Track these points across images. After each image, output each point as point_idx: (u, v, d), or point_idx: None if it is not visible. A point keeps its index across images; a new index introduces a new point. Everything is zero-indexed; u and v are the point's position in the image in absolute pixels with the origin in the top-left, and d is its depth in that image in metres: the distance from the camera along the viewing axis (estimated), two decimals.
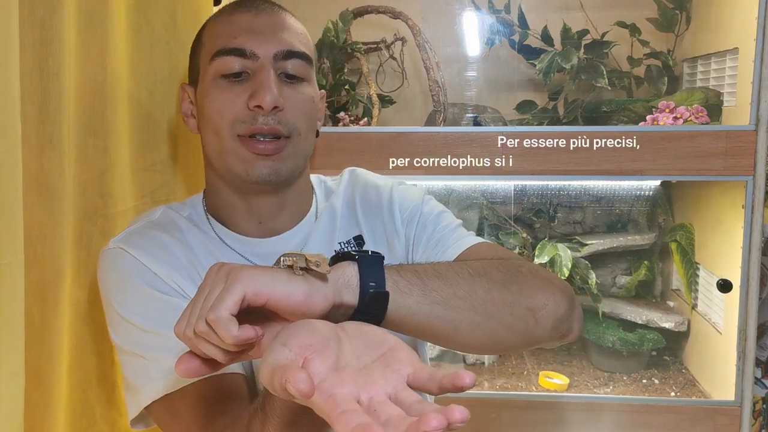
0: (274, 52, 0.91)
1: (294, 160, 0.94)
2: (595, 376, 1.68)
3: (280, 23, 0.94)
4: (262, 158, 0.90)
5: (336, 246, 1.01)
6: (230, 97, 0.91)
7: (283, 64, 0.92)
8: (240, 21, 0.93)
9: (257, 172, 0.91)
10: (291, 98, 0.92)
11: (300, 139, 0.94)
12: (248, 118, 0.90)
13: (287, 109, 0.91)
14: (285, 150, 0.92)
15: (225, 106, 0.91)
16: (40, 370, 0.89)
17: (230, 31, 0.93)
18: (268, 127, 0.89)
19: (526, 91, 1.81)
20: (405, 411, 0.53)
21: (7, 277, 0.75)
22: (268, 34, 0.92)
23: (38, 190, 0.87)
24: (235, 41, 0.91)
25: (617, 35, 1.69)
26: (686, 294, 1.72)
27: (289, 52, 0.92)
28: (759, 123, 1.39)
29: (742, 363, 1.44)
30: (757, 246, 1.42)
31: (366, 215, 1.04)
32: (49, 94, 0.88)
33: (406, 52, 1.70)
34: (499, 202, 1.78)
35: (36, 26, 0.86)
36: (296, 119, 0.92)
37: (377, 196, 1.06)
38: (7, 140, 0.74)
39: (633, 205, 1.84)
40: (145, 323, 0.87)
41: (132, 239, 0.93)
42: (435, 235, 1.01)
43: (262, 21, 0.93)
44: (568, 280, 1.61)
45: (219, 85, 0.92)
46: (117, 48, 1.06)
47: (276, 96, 0.89)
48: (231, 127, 0.90)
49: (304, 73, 0.94)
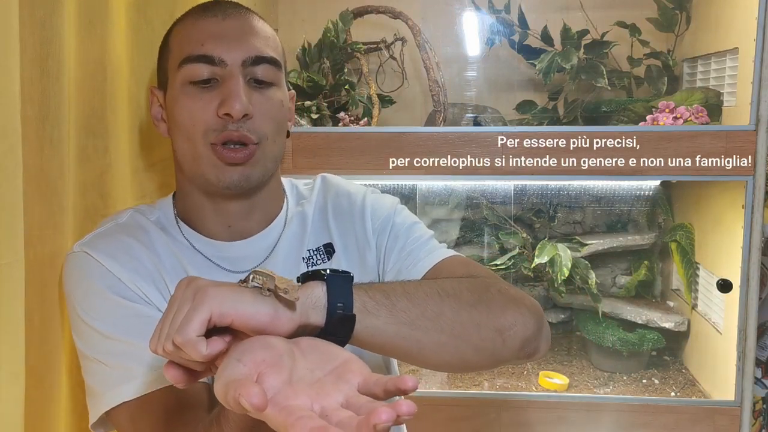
0: (243, 58, 0.91)
1: (263, 165, 0.94)
2: (595, 376, 1.68)
3: (248, 28, 0.94)
4: (233, 166, 0.91)
5: (304, 253, 1.00)
6: (200, 105, 0.90)
7: (251, 70, 0.92)
8: (207, 26, 0.92)
9: (228, 179, 0.91)
10: (260, 104, 0.92)
11: (268, 143, 0.93)
12: (219, 125, 0.89)
13: (256, 116, 0.91)
14: (255, 156, 0.92)
15: (196, 114, 0.90)
16: (40, 370, 0.88)
17: (197, 38, 0.92)
18: (237, 134, 0.89)
19: (526, 91, 1.81)
20: (356, 412, 0.56)
21: (8, 277, 0.75)
22: (236, 40, 0.92)
23: (38, 190, 0.87)
24: (202, 48, 0.90)
25: (617, 35, 1.69)
26: (686, 294, 1.72)
27: (258, 57, 0.92)
28: (759, 123, 1.39)
29: (742, 363, 1.44)
30: (757, 246, 1.42)
31: (337, 223, 1.04)
32: (49, 94, 0.88)
33: (406, 52, 1.70)
34: (499, 202, 1.78)
35: (36, 26, 0.86)
36: (265, 125, 0.92)
37: (349, 204, 1.05)
38: (7, 140, 0.74)
39: (633, 205, 1.84)
40: (107, 330, 0.86)
41: (97, 243, 0.91)
42: (407, 247, 1.01)
43: (230, 26, 0.92)
44: (568, 280, 1.61)
45: (188, 92, 0.91)
46: (117, 48, 1.06)
47: (245, 104, 0.89)
48: (203, 135, 0.90)
49: (273, 77, 0.94)
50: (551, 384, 1.60)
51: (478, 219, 1.79)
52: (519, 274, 1.75)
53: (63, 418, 0.95)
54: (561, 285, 1.61)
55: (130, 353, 0.84)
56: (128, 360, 0.84)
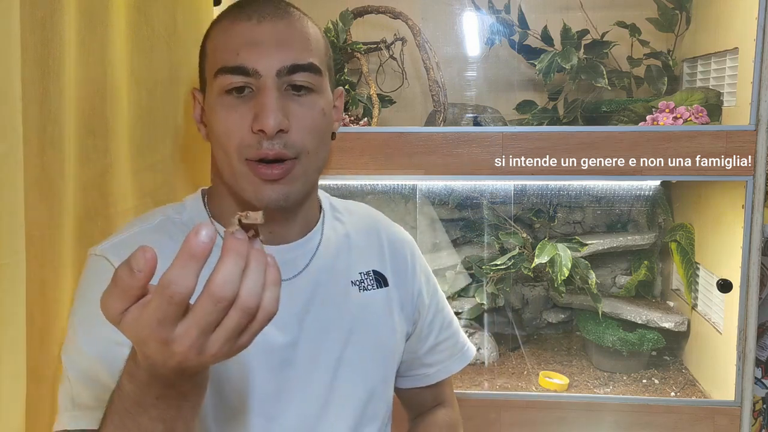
0: (278, 68, 0.86)
1: (304, 180, 0.90)
2: (595, 376, 1.68)
3: (285, 33, 0.88)
4: (270, 183, 0.87)
5: (355, 275, 1.02)
6: (235, 119, 0.86)
7: (289, 79, 0.87)
8: (242, 32, 0.88)
9: (267, 198, 0.87)
10: (298, 115, 0.87)
11: (309, 157, 0.89)
12: (254, 142, 0.85)
13: (293, 129, 0.87)
14: (294, 171, 0.88)
15: (231, 128, 0.87)
16: (40, 370, 0.89)
17: (232, 46, 0.88)
18: (273, 152, 0.85)
19: (526, 91, 1.81)
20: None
21: (8, 276, 0.75)
22: (271, 47, 0.87)
23: (39, 190, 0.87)
24: (237, 58, 0.86)
25: (617, 35, 1.69)
26: (686, 294, 1.72)
27: (294, 66, 0.87)
28: (759, 123, 1.39)
29: (742, 363, 1.45)
30: (757, 246, 1.42)
31: (394, 261, 1.08)
32: (50, 95, 0.88)
33: (406, 52, 1.70)
34: (499, 202, 1.78)
35: (37, 26, 0.86)
36: (304, 138, 0.88)
37: (404, 257, 1.10)
38: (8, 141, 0.74)
39: (633, 205, 1.84)
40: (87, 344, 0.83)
41: (119, 251, 0.87)
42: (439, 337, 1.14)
43: (265, 31, 0.88)
44: (568, 280, 1.61)
45: (224, 103, 0.88)
46: (117, 48, 1.06)
47: (279, 120, 0.84)
48: (238, 151, 0.87)
49: (313, 84, 0.89)
50: (551, 384, 1.60)
51: (477, 219, 1.79)
52: (519, 274, 1.75)
53: None
54: (561, 285, 1.61)
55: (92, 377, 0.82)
56: (87, 386, 0.82)
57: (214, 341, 0.56)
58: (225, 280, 0.54)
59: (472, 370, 1.68)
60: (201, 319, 0.55)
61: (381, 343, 1.02)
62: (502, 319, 1.82)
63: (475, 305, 1.73)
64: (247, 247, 0.57)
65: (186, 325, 0.55)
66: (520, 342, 1.81)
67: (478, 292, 1.73)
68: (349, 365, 0.97)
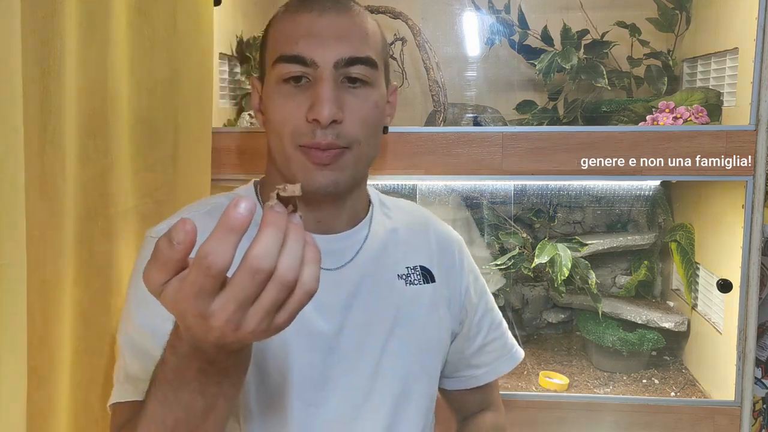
0: (335, 59, 0.88)
1: (354, 169, 0.92)
2: (595, 376, 1.68)
3: (345, 26, 0.90)
4: (321, 167, 0.89)
5: (402, 269, 1.03)
6: (292, 107, 0.89)
7: (345, 71, 0.89)
8: (302, 23, 0.90)
9: (317, 183, 0.89)
10: (352, 107, 0.89)
11: (360, 148, 0.91)
12: (308, 130, 0.88)
13: (347, 120, 0.89)
14: (343, 159, 0.90)
15: (286, 115, 0.89)
16: (41, 371, 0.89)
17: (292, 36, 0.90)
18: (326, 142, 0.87)
19: (526, 91, 1.81)
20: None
21: (9, 277, 0.75)
22: (330, 39, 0.89)
23: (39, 190, 0.87)
24: (296, 47, 0.88)
25: (617, 35, 1.69)
26: (686, 294, 1.72)
27: (352, 58, 0.89)
28: (759, 123, 1.39)
29: (742, 363, 1.45)
30: (757, 246, 1.42)
31: (442, 258, 1.08)
32: (50, 94, 0.88)
33: (406, 52, 1.70)
34: (499, 202, 1.78)
35: (37, 26, 0.86)
36: (356, 130, 0.90)
37: (452, 255, 1.10)
38: (8, 140, 0.74)
39: (633, 205, 1.84)
40: (140, 320, 0.87)
41: None
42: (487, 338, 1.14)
43: (325, 24, 0.90)
44: (568, 279, 1.61)
45: (281, 91, 0.90)
46: (117, 48, 1.06)
47: (333, 110, 0.86)
48: (292, 137, 0.89)
49: (368, 77, 0.91)
50: (551, 384, 1.60)
51: (477, 219, 1.79)
52: (519, 274, 1.75)
53: (64, 418, 0.95)
54: (561, 285, 1.61)
55: (143, 353, 0.85)
56: (140, 360, 0.86)
57: (252, 316, 0.56)
58: (263, 253, 0.54)
59: None
60: (238, 293, 0.55)
61: (426, 338, 1.03)
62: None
63: None
64: (285, 221, 0.56)
65: (223, 299, 0.55)
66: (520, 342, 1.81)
67: None
68: (392, 357, 0.98)
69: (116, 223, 1.06)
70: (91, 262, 1.01)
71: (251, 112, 1.53)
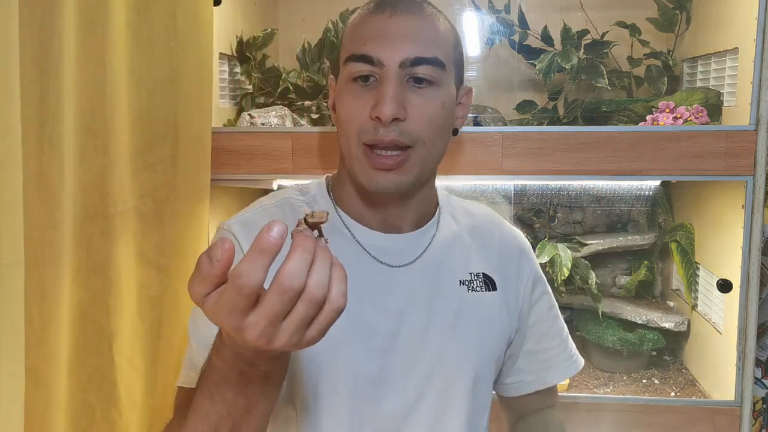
0: (401, 59, 0.89)
1: (418, 171, 0.93)
2: (595, 376, 1.68)
3: (414, 27, 0.91)
4: (383, 172, 0.90)
5: (465, 275, 1.03)
6: (358, 105, 0.90)
7: (411, 70, 0.90)
8: (373, 24, 0.92)
9: (377, 185, 0.91)
10: (416, 106, 0.90)
11: (425, 148, 0.92)
12: (371, 128, 0.89)
13: (411, 118, 0.89)
14: (408, 162, 0.91)
15: (352, 113, 0.91)
16: (40, 371, 0.89)
17: (362, 35, 0.92)
18: (389, 139, 0.89)
19: (526, 91, 1.81)
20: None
21: (7, 277, 0.75)
22: (398, 39, 0.90)
23: (38, 190, 0.87)
24: (364, 47, 0.90)
25: (617, 35, 1.69)
26: (686, 294, 1.72)
27: (417, 58, 0.90)
28: (759, 123, 1.38)
29: (742, 363, 1.44)
30: (757, 246, 1.42)
31: (503, 267, 1.08)
32: (49, 94, 0.88)
33: None
34: (499, 202, 1.78)
35: (36, 26, 0.86)
36: (420, 128, 0.90)
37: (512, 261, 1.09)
38: (6, 140, 0.74)
39: (633, 205, 1.84)
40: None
41: (247, 224, 0.96)
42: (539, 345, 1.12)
43: (395, 25, 0.91)
44: (568, 279, 1.61)
45: (350, 90, 0.92)
46: (117, 48, 1.06)
47: (395, 108, 0.87)
48: (357, 135, 0.90)
49: (435, 77, 0.91)
50: None
51: None
52: None
53: (63, 418, 0.95)
54: (561, 285, 1.61)
55: (206, 343, 0.86)
56: (202, 347, 0.89)
57: (283, 331, 0.59)
58: (292, 272, 0.58)
59: None
60: (270, 310, 0.58)
61: (483, 344, 1.03)
62: None
63: None
64: (314, 243, 0.60)
65: (256, 316, 0.58)
66: None
67: None
68: (447, 362, 0.99)
69: (115, 223, 1.06)
70: (90, 262, 1.01)
71: (251, 112, 1.52)
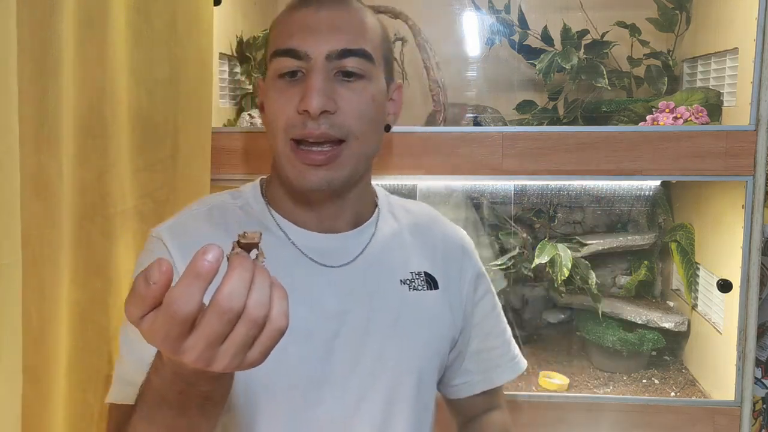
0: (327, 52, 0.87)
1: (351, 167, 0.91)
2: (595, 376, 1.68)
3: (341, 19, 0.90)
4: (314, 168, 0.88)
5: (406, 274, 1.01)
6: (284, 100, 0.88)
7: (339, 63, 0.88)
8: (299, 18, 0.91)
9: (308, 183, 0.89)
10: (346, 99, 0.88)
11: (357, 143, 0.90)
12: (299, 122, 0.87)
13: (341, 111, 0.88)
14: (341, 157, 0.89)
15: (279, 109, 0.89)
16: (38, 371, 0.89)
17: (288, 30, 0.90)
18: (318, 132, 0.86)
19: (526, 91, 1.81)
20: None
21: (5, 277, 0.75)
22: (324, 32, 0.88)
23: (36, 190, 0.87)
24: (290, 41, 0.89)
25: (617, 35, 1.69)
26: (686, 294, 1.72)
27: (345, 50, 0.88)
28: (759, 123, 1.38)
29: (742, 363, 1.44)
30: (757, 246, 1.42)
31: (445, 265, 1.06)
32: (48, 94, 0.88)
33: (406, 52, 1.70)
34: (499, 202, 1.78)
35: (35, 26, 0.86)
36: (351, 122, 0.88)
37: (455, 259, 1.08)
38: (5, 140, 0.74)
39: (633, 205, 1.84)
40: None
41: (175, 231, 0.92)
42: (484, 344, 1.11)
43: (321, 18, 0.89)
44: (568, 280, 1.61)
45: (276, 86, 0.90)
46: (117, 48, 1.06)
47: (323, 100, 0.86)
48: (284, 131, 0.88)
49: (364, 70, 0.90)
50: (551, 384, 1.60)
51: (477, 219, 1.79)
52: (519, 275, 1.74)
53: (60, 418, 0.95)
54: (561, 285, 1.60)
55: (138, 353, 0.84)
56: (134, 360, 0.85)
57: (223, 354, 0.56)
58: (231, 292, 0.55)
59: None
60: (208, 332, 0.55)
61: (424, 344, 1.01)
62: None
63: None
64: (251, 263, 0.57)
65: (194, 339, 0.55)
66: (520, 342, 1.79)
67: None
68: (389, 362, 0.96)
69: (115, 223, 1.06)
70: (89, 262, 1.01)
71: (251, 112, 1.53)
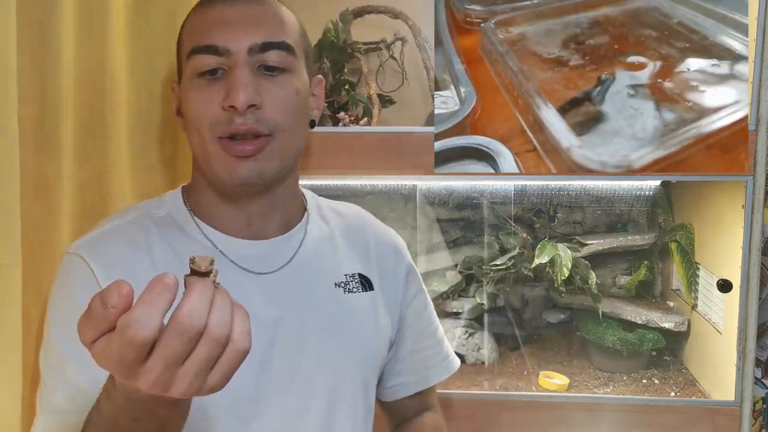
0: (249, 45, 0.86)
1: (280, 160, 0.89)
2: (595, 376, 1.68)
3: (257, 13, 0.89)
4: (243, 160, 0.86)
5: (339, 277, 0.99)
6: (206, 98, 0.86)
7: (260, 57, 0.87)
8: (214, 14, 0.88)
9: (239, 175, 0.86)
10: (270, 93, 0.87)
11: (284, 135, 0.88)
12: (225, 119, 0.85)
13: (266, 105, 0.86)
14: (267, 148, 0.87)
15: (202, 107, 0.87)
16: (37, 372, 0.89)
17: (204, 27, 0.88)
18: (246, 127, 0.85)
19: None
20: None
21: (5, 277, 0.75)
22: (242, 26, 0.87)
23: (36, 190, 0.87)
24: (208, 38, 0.87)
25: None
26: (686, 294, 1.72)
27: (266, 43, 0.87)
28: (759, 123, 1.38)
29: (742, 363, 1.44)
30: (757, 246, 1.42)
31: (380, 266, 1.05)
32: (47, 94, 0.88)
33: (406, 52, 1.70)
34: (499, 202, 1.78)
35: (34, 26, 0.86)
36: (277, 116, 0.87)
37: (388, 260, 1.07)
38: (4, 141, 0.74)
39: (633, 205, 1.84)
40: (61, 344, 0.81)
41: (95, 246, 0.87)
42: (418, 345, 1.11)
43: (236, 12, 0.88)
44: (568, 280, 1.61)
45: (196, 85, 0.88)
46: (116, 48, 1.06)
47: (250, 94, 0.84)
48: (210, 129, 0.86)
49: (286, 63, 0.89)
50: (551, 384, 1.60)
51: (478, 219, 1.79)
52: (519, 275, 1.74)
53: None
54: (561, 285, 1.60)
55: (66, 379, 0.80)
56: (62, 387, 0.81)
57: (182, 377, 0.53)
58: (192, 310, 0.52)
59: (472, 370, 1.68)
60: (167, 353, 0.52)
61: (363, 348, 0.99)
62: (502, 319, 1.82)
63: (475, 305, 1.73)
64: (211, 283, 0.55)
65: (151, 361, 0.52)
66: (520, 342, 1.81)
67: (478, 292, 1.73)
68: (328, 369, 0.94)
69: None
70: None
71: None
